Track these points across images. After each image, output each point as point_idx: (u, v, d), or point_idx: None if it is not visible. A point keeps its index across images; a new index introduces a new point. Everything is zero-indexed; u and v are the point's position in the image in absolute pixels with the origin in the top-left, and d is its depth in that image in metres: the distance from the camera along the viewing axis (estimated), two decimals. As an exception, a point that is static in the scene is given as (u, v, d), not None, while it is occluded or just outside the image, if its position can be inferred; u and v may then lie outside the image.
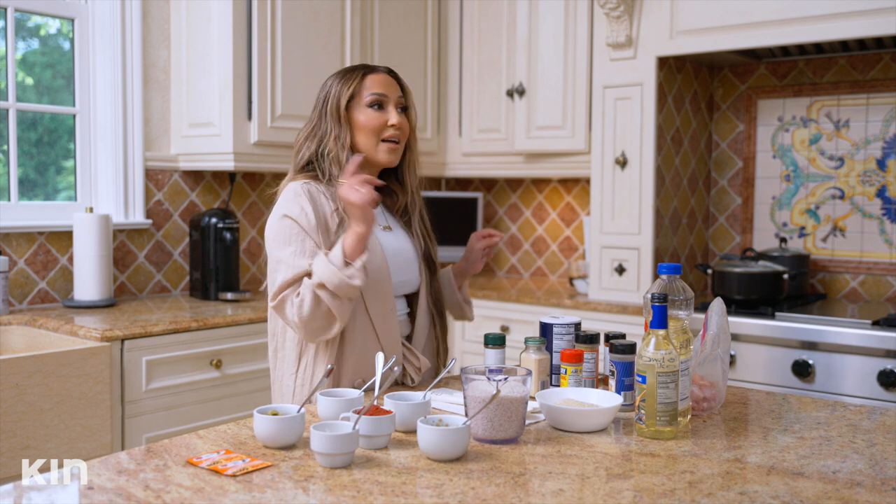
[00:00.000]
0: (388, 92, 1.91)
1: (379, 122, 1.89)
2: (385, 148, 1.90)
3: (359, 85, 1.91)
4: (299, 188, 1.84)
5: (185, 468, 1.30)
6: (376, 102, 1.90)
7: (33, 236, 2.99)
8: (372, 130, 1.89)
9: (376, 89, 1.90)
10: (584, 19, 3.46)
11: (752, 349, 2.88)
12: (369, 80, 1.92)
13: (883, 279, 3.29)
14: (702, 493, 1.22)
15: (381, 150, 1.90)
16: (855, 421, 1.63)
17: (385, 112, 1.90)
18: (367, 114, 1.90)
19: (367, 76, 1.92)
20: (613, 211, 3.31)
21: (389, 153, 1.91)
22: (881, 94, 3.27)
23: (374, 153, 1.91)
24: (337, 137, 1.90)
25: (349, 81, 1.91)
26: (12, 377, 2.29)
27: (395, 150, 1.91)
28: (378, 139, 1.90)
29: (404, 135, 1.93)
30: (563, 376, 1.72)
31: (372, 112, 1.90)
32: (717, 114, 3.66)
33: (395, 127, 1.90)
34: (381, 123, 1.89)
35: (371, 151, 1.91)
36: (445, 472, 1.29)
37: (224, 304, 3.14)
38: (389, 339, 1.86)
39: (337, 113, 1.90)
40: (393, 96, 1.92)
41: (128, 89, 3.20)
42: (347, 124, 1.91)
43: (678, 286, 1.61)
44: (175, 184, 3.38)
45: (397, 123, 1.90)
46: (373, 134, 1.90)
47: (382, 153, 1.90)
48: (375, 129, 1.89)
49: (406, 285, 1.95)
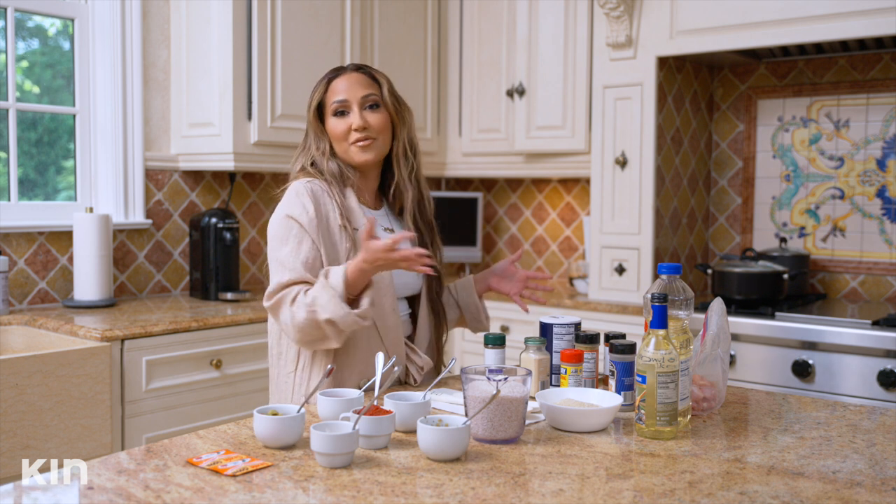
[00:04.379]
0: (349, 95, 1.90)
1: (342, 128, 1.90)
2: (355, 150, 1.90)
3: (324, 94, 1.94)
4: (301, 187, 1.85)
5: (185, 468, 1.30)
6: (338, 110, 1.91)
7: (33, 236, 2.99)
8: (340, 137, 1.91)
9: (336, 96, 1.91)
10: (584, 19, 3.46)
11: (752, 349, 2.88)
12: (333, 85, 1.93)
13: (883, 279, 3.29)
14: (702, 493, 1.22)
15: (352, 152, 1.91)
16: (855, 421, 1.63)
17: (348, 117, 1.90)
18: (332, 123, 1.92)
19: (331, 82, 1.93)
20: (613, 211, 3.31)
21: (360, 152, 1.90)
22: (881, 94, 3.27)
23: (350, 158, 1.92)
24: (318, 147, 1.93)
25: (316, 90, 1.95)
26: (12, 377, 2.29)
27: (367, 147, 1.90)
28: (348, 144, 1.90)
29: (376, 130, 1.91)
30: (563, 376, 1.72)
31: (336, 120, 1.91)
32: (717, 114, 3.66)
33: (359, 129, 1.88)
34: (346, 129, 1.90)
35: (347, 158, 1.92)
36: (445, 472, 1.29)
37: (224, 304, 3.14)
38: (392, 339, 1.87)
39: (313, 125, 1.94)
40: (355, 98, 1.90)
41: (128, 89, 3.20)
42: (324, 133, 1.94)
43: (678, 286, 1.61)
44: (175, 184, 3.38)
45: (359, 125, 1.88)
46: (342, 140, 1.91)
47: (355, 154, 1.90)
48: (342, 135, 1.90)
49: (406, 287, 1.96)
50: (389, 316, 1.86)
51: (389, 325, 1.86)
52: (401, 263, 1.70)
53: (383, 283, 1.85)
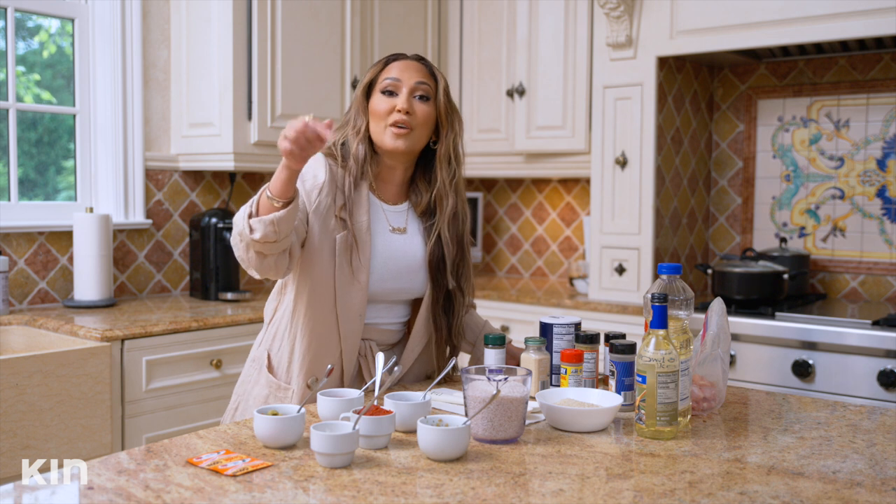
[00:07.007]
0: (403, 77, 1.81)
1: (387, 106, 1.80)
2: (391, 132, 1.80)
3: (379, 71, 1.85)
4: (321, 157, 1.81)
5: (185, 468, 1.30)
6: (388, 88, 1.81)
7: (33, 236, 2.99)
8: (380, 116, 1.81)
9: (390, 74, 1.82)
10: (584, 19, 3.46)
11: (752, 349, 2.88)
12: (391, 66, 1.84)
13: (883, 279, 3.29)
14: (702, 493, 1.22)
15: (386, 135, 1.80)
16: (855, 421, 1.63)
17: (395, 98, 1.81)
18: (377, 99, 1.83)
19: (390, 63, 1.85)
20: (613, 211, 3.31)
21: (394, 138, 1.79)
22: (881, 94, 3.27)
23: (381, 139, 1.81)
24: (354, 126, 1.85)
25: (373, 69, 1.86)
26: (12, 377, 2.29)
27: (403, 135, 1.79)
28: (385, 124, 1.80)
29: (418, 122, 1.81)
30: (563, 376, 1.72)
31: (382, 97, 1.81)
32: (717, 114, 3.66)
33: (402, 111, 1.79)
34: (389, 108, 1.80)
35: (379, 139, 1.82)
36: (445, 472, 1.29)
37: (224, 304, 3.14)
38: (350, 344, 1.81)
39: (357, 101, 1.86)
40: (408, 82, 1.81)
41: (128, 89, 3.20)
42: (365, 112, 1.85)
43: (678, 286, 1.61)
44: (175, 184, 3.38)
45: (404, 107, 1.78)
46: (381, 119, 1.81)
47: (388, 137, 1.80)
48: (383, 113, 1.80)
49: (404, 293, 1.88)
50: (354, 321, 1.80)
51: (351, 329, 1.81)
52: (283, 144, 1.53)
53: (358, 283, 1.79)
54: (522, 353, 1.80)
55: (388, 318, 1.90)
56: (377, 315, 1.88)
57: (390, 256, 1.84)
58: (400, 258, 1.86)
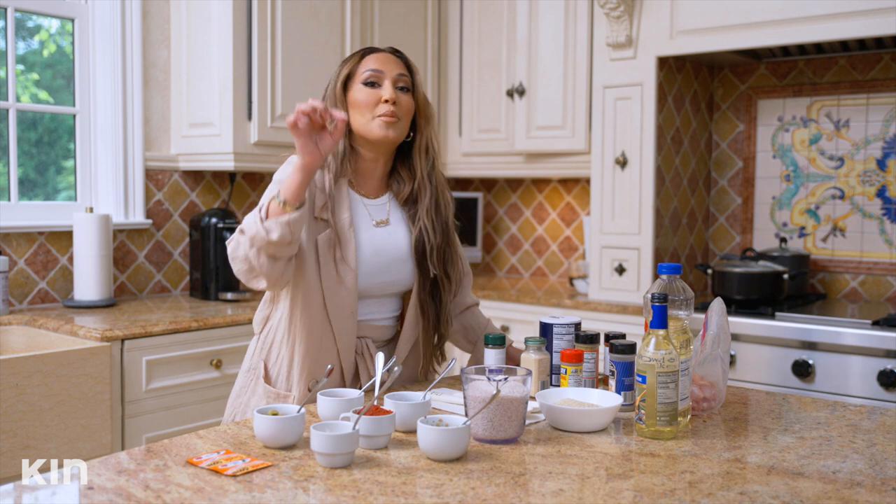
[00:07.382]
0: (385, 69, 1.82)
1: (372, 98, 1.80)
2: (379, 122, 1.79)
3: (356, 65, 1.85)
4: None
5: (185, 468, 1.30)
6: (371, 80, 1.81)
7: (33, 236, 2.99)
8: (365, 107, 1.80)
9: (371, 65, 1.82)
10: (584, 19, 3.46)
11: (752, 349, 2.88)
12: (367, 58, 1.85)
13: (883, 279, 3.29)
14: (702, 493, 1.22)
15: (375, 125, 1.79)
16: (855, 421, 1.63)
17: (380, 89, 1.81)
18: (360, 91, 1.82)
19: (366, 56, 1.86)
20: (613, 211, 3.31)
21: (385, 127, 1.79)
22: (881, 94, 3.27)
23: (369, 130, 1.80)
24: None
25: (348, 62, 1.86)
26: (12, 377, 2.29)
27: (391, 124, 1.79)
28: (372, 116, 1.80)
29: (403, 112, 1.82)
30: (563, 376, 1.72)
31: (366, 89, 1.81)
32: (717, 114, 3.66)
33: (389, 102, 1.79)
34: (375, 100, 1.79)
35: (366, 130, 1.81)
36: (445, 472, 1.29)
37: (224, 304, 3.14)
38: (345, 342, 1.81)
39: (334, 96, 1.84)
40: (391, 73, 1.82)
41: (128, 89, 3.20)
42: (343, 106, 1.84)
43: (678, 286, 1.61)
44: (175, 184, 3.38)
45: (392, 97, 1.78)
46: (366, 111, 1.80)
47: (377, 127, 1.79)
48: (368, 105, 1.79)
49: (393, 285, 1.88)
50: (346, 318, 1.80)
51: (344, 327, 1.80)
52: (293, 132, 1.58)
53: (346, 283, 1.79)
54: (522, 353, 1.80)
55: (381, 313, 1.89)
56: (369, 311, 1.87)
57: (376, 251, 1.84)
58: (387, 251, 1.85)
